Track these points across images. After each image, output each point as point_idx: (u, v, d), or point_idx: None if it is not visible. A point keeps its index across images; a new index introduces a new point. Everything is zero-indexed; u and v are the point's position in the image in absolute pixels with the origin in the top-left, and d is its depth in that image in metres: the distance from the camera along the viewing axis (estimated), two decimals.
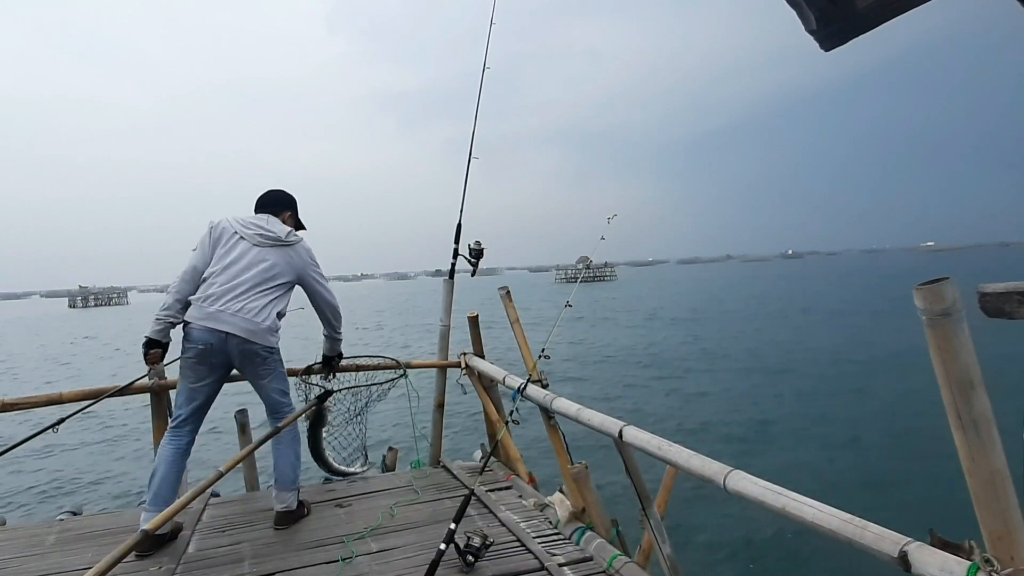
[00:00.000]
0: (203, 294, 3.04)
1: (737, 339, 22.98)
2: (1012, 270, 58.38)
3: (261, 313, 3.09)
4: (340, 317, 3.59)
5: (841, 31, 0.93)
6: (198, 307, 3.03)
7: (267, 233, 3.22)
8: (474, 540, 2.74)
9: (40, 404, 3.46)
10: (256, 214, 3.35)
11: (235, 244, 3.16)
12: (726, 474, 2.00)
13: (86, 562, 2.80)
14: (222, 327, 2.99)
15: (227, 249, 3.14)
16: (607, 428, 2.68)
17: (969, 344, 1.28)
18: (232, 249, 3.14)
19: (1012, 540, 1.29)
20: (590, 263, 4.82)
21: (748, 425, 11.13)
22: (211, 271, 3.09)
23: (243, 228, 3.19)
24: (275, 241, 3.23)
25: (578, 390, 14.30)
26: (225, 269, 3.09)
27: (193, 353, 3.03)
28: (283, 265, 3.21)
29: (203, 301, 3.02)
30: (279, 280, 3.19)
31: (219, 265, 3.10)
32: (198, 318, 3.01)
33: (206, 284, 3.07)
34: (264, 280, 3.14)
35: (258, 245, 3.18)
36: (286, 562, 2.85)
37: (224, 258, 3.12)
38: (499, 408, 4.27)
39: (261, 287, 3.12)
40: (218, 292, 3.03)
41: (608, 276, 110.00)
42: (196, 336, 3.01)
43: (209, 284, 3.06)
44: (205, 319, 3.00)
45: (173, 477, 3.02)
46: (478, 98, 4.47)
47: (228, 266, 3.10)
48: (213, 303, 3.01)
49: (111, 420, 12.82)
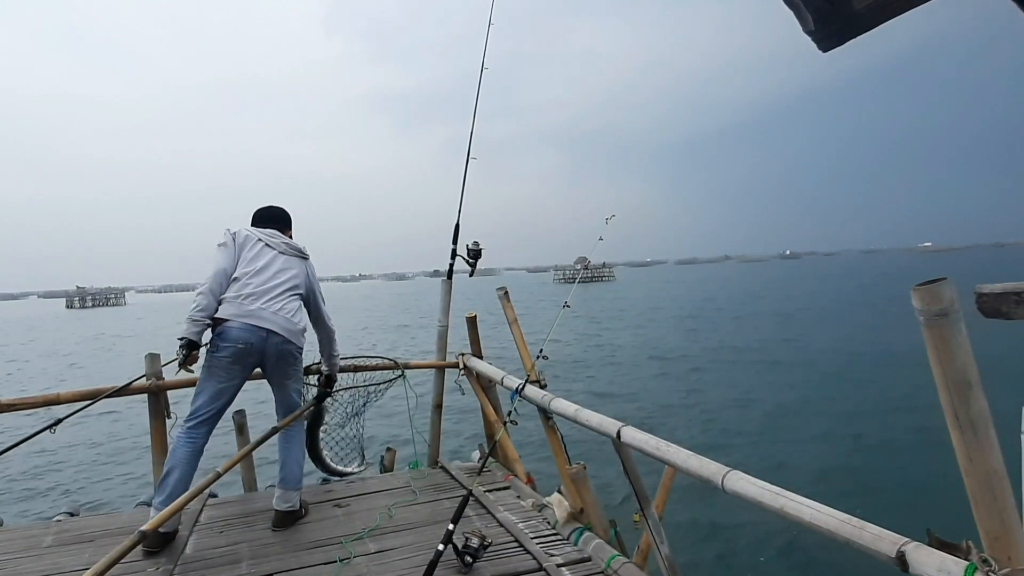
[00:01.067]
0: (239, 293, 3.04)
1: (736, 337, 23.01)
2: (1009, 270, 58.50)
3: (297, 315, 3.17)
4: (335, 339, 3.63)
5: (838, 32, 0.93)
6: (236, 305, 3.02)
7: (291, 243, 3.31)
8: (472, 541, 2.74)
9: (38, 405, 3.45)
10: (263, 227, 3.36)
11: (262, 251, 3.20)
12: (724, 474, 2.00)
13: (84, 563, 2.80)
14: (265, 324, 3.02)
15: (255, 254, 3.17)
16: (605, 428, 2.68)
17: (967, 344, 1.28)
18: (261, 255, 3.18)
19: (1009, 540, 1.29)
20: (588, 263, 4.82)
21: (744, 425, 11.14)
22: (242, 272, 3.11)
23: (267, 237, 3.24)
24: (297, 252, 3.31)
25: (591, 387, 14.33)
26: (259, 272, 3.12)
27: (230, 352, 3.00)
28: (303, 276, 3.29)
29: (242, 299, 3.03)
30: (301, 289, 3.27)
31: (251, 268, 3.12)
32: (238, 315, 3.00)
33: (239, 284, 3.07)
34: (293, 286, 3.20)
35: (284, 253, 3.25)
36: (284, 563, 2.84)
37: (255, 262, 3.15)
38: (497, 409, 4.27)
39: (292, 292, 3.19)
40: (256, 292, 3.06)
41: (606, 277, 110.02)
42: (235, 335, 2.99)
43: (244, 284, 3.07)
44: (246, 316, 3.00)
45: (189, 477, 3.00)
46: (476, 98, 4.46)
47: (261, 270, 3.13)
48: (254, 301, 3.03)
49: (109, 420, 12.80)
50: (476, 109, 4.45)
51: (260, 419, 4.34)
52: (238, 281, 3.08)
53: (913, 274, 3.35)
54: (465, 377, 4.41)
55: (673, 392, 14.23)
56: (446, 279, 4.41)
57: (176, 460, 2.98)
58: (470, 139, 4.41)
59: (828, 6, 0.89)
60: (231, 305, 3.02)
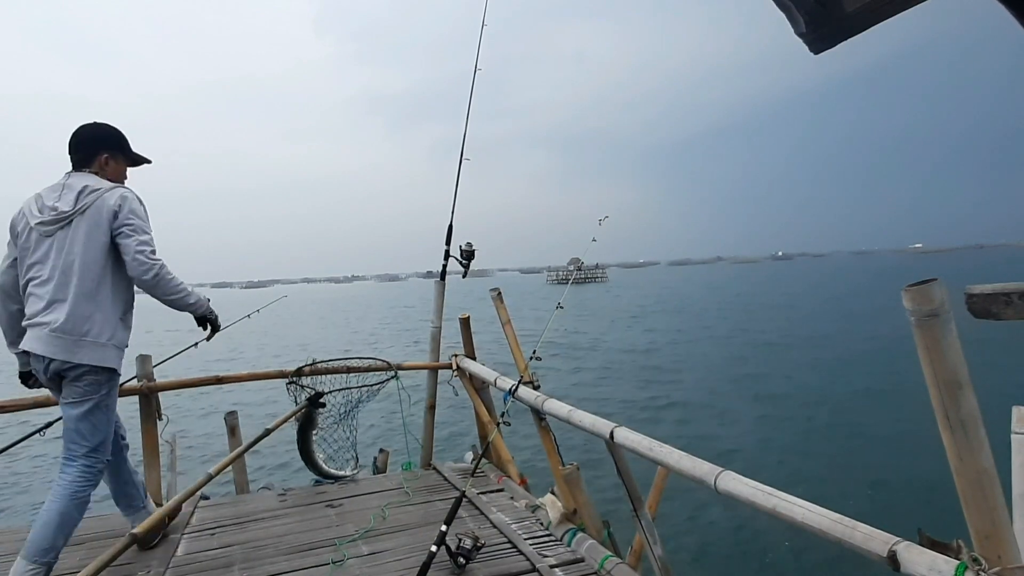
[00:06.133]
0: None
1: (738, 334, 23.09)
2: (1003, 271, 58.99)
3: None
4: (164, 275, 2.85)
5: (830, 34, 0.93)
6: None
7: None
8: (465, 542, 2.73)
9: (28, 407, 3.42)
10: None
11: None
12: (716, 475, 2.01)
13: (75, 566, 2.78)
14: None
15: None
16: (598, 429, 2.68)
17: (957, 345, 1.29)
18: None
19: (999, 539, 1.30)
20: (581, 264, 4.83)
21: (740, 425, 11.18)
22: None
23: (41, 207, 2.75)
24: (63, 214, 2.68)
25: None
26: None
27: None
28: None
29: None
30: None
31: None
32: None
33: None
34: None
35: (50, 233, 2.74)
36: (276, 565, 2.83)
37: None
38: (490, 410, 4.27)
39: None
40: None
41: (599, 278, 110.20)
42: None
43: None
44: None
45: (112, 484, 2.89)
46: (469, 100, 4.47)
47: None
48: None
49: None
50: (469, 110, 4.46)
51: (252, 421, 4.32)
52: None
53: (909, 274, 3.36)
54: (458, 378, 4.40)
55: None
56: (439, 280, 4.40)
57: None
58: (463, 140, 4.41)
59: (820, 8, 0.90)
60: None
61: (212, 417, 4.20)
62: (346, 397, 3.90)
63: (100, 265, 2.53)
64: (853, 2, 0.87)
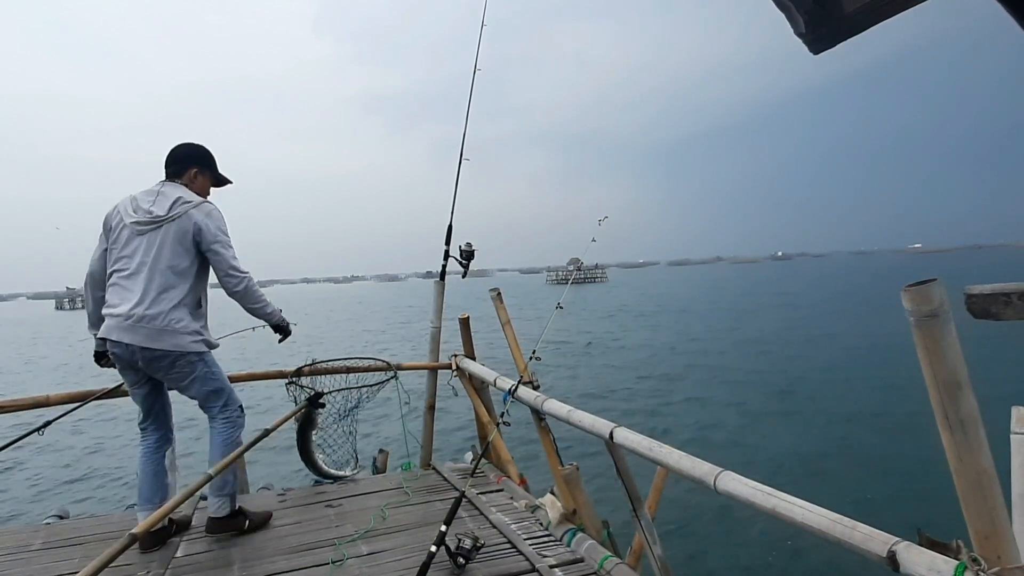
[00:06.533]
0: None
1: (738, 334, 23.09)
2: (1001, 271, 58.98)
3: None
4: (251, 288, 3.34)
5: (829, 34, 0.93)
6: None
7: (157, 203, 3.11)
8: (465, 542, 2.73)
9: (26, 407, 3.42)
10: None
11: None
12: (716, 475, 2.00)
13: (73, 567, 2.78)
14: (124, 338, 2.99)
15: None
16: (598, 429, 2.68)
17: (956, 345, 1.29)
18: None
19: (999, 539, 1.30)
20: (581, 265, 4.84)
21: (737, 424, 11.19)
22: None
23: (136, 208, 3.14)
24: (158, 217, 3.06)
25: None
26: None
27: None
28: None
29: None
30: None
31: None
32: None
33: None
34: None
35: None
36: (275, 566, 2.83)
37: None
38: (490, 410, 4.27)
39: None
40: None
41: (599, 278, 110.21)
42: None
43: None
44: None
45: (148, 478, 3.02)
46: (469, 100, 4.47)
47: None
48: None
49: (99, 422, 12.72)
50: (469, 110, 4.45)
51: (252, 419, 4.32)
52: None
53: (909, 274, 3.33)
54: (458, 378, 4.40)
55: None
56: (439, 280, 4.40)
57: (137, 461, 3.09)
58: (463, 140, 4.41)
59: (819, 9, 0.90)
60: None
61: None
62: (346, 397, 3.90)
63: (181, 267, 2.88)
64: (852, 3, 0.87)
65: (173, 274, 2.85)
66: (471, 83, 4.45)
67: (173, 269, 2.85)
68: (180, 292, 2.87)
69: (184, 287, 2.88)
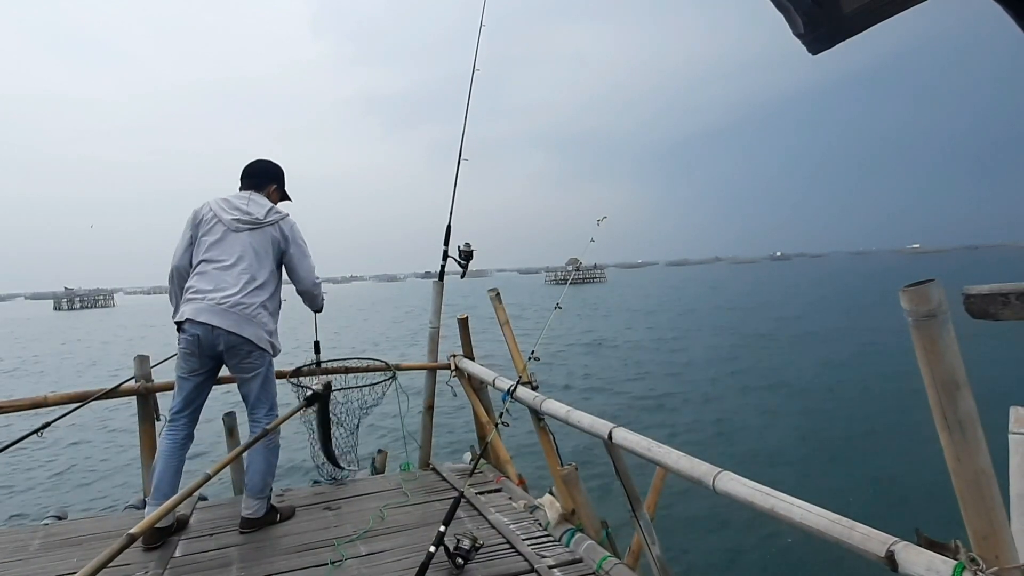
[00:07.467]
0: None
1: (738, 333, 23.10)
2: (997, 271, 59.05)
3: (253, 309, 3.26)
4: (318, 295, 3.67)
5: (828, 35, 0.94)
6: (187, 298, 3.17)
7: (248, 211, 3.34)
8: (464, 542, 2.73)
9: (25, 407, 3.42)
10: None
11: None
12: (715, 475, 2.01)
13: (72, 567, 2.78)
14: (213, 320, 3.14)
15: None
16: (597, 430, 2.68)
17: (954, 345, 1.29)
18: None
19: (997, 539, 1.30)
20: (580, 265, 4.83)
21: (735, 425, 11.19)
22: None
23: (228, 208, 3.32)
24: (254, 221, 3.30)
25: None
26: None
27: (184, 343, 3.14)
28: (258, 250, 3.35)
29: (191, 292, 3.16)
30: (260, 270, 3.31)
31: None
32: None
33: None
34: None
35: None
36: (274, 566, 2.83)
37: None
38: (489, 410, 4.27)
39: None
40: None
41: (598, 278, 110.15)
42: (188, 327, 3.12)
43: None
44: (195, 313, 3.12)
45: (171, 469, 3.04)
46: (468, 100, 4.46)
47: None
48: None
49: (98, 423, 12.71)
50: (468, 110, 4.45)
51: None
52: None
53: (909, 274, 3.30)
54: (456, 379, 4.40)
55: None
56: (437, 280, 4.40)
57: (158, 454, 3.10)
58: (461, 140, 4.40)
59: (817, 9, 0.90)
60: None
61: (210, 417, 4.18)
62: (346, 397, 3.89)
63: (270, 267, 3.15)
64: (851, 3, 0.87)
65: (264, 274, 3.11)
66: (470, 83, 4.44)
67: (264, 270, 3.12)
68: (266, 292, 3.12)
69: (270, 289, 3.15)
